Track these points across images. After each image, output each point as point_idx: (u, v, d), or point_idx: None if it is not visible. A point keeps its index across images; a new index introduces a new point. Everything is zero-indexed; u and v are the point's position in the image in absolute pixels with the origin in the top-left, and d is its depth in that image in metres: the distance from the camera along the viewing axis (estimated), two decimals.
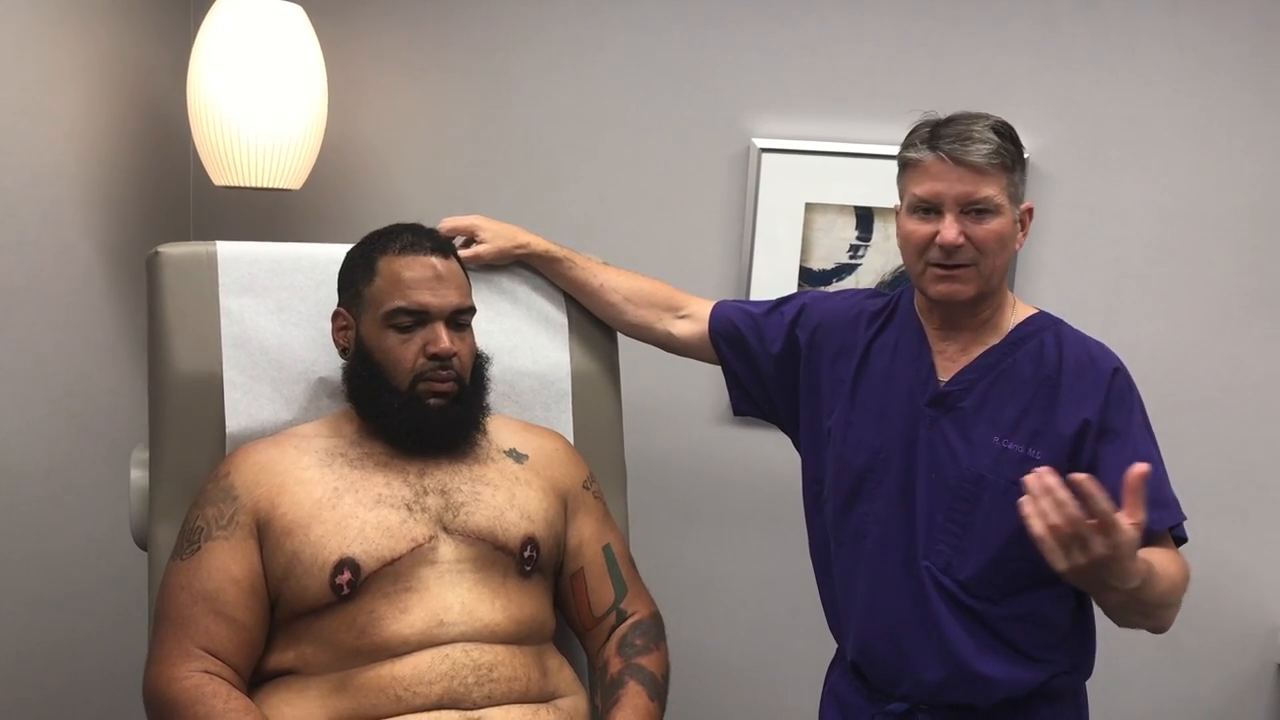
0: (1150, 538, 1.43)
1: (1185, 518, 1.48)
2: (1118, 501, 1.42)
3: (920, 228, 1.48)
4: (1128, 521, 1.20)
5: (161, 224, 2.34)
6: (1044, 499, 1.20)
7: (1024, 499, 1.22)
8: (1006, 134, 1.46)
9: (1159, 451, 1.49)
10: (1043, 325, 1.54)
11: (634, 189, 2.33)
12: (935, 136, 1.46)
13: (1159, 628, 1.43)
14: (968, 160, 1.43)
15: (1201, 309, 2.16)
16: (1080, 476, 1.19)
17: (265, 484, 1.49)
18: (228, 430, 1.62)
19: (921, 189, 1.46)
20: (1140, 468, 1.22)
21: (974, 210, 1.44)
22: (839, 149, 2.21)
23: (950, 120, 1.47)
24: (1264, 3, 2.07)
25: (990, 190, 1.44)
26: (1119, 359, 1.51)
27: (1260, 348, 2.14)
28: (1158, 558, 1.36)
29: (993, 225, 1.45)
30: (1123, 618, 1.38)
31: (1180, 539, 1.49)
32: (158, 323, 1.65)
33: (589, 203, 2.35)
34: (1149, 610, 1.36)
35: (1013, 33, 2.15)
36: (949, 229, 1.44)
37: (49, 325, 2.03)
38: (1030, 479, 1.22)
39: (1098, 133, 2.15)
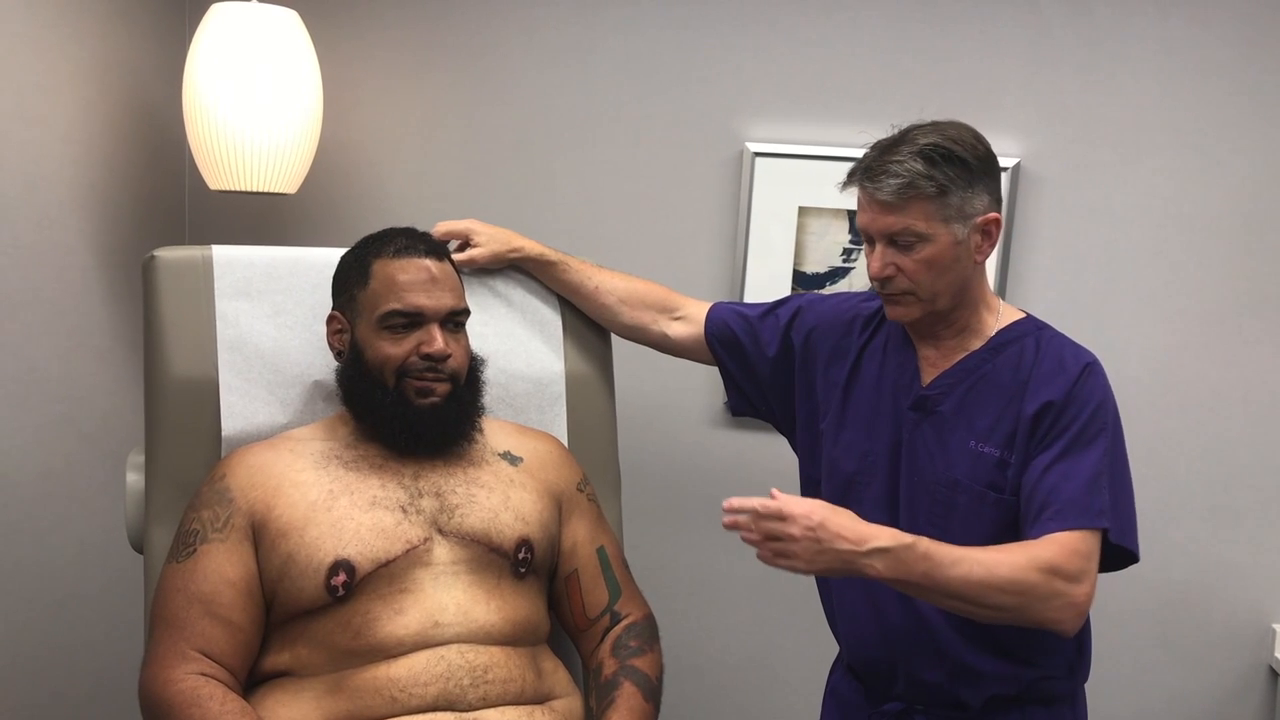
0: (1055, 528, 1.39)
1: (1102, 526, 1.40)
2: (1033, 495, 1.42)
3: (868, 257, 1.51)
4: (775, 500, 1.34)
5: (157, 228, 2.34)
6: (744, 530, 1.36)
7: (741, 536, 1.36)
8: (940, 156, 1.43)
9: (1115, 456, 1.45)
10: (1025, 331, 1.54)
11: (628, 193, 2.34)
12: (864, 169, 1.47)
13: (1038, 624, 1.38)
14: (878, 198, 1.45)
15: (1192, 312, 2.17)
16: (731, 503, 1.37)
17: (261, 486, 1.50)
18: (223, 433, 1.63)
19: (858, 219, 1.51)
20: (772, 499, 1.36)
21: (896, 244, 1.46)
22: (832, 153, 2.21)
23: (888, 147, 1.46)
24: (1253, 6, 2.08)
25: (909, 221, 1.43)
26: (1094, 358, 1.50)
27: (1251, 350, 2.15)
28: (987, 548, 1.36)
29: (921, 254, 1.45)
30: (941, 605, 1.40)
31: (1128, 554, 1.43)
32: (154, 326, 1.65)
33: (583, 206, 2.35)
34: (963, 595, 1.35)
35: (1004, 37, 2.17)
36: (874, 261, 1.48)
37: (45, 329, 2.04)
38: (727, 520, 1.38)
39: (1088, 136, 2.16)
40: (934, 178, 1.42)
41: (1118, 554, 1.44)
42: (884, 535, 1.33)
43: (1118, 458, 1.46)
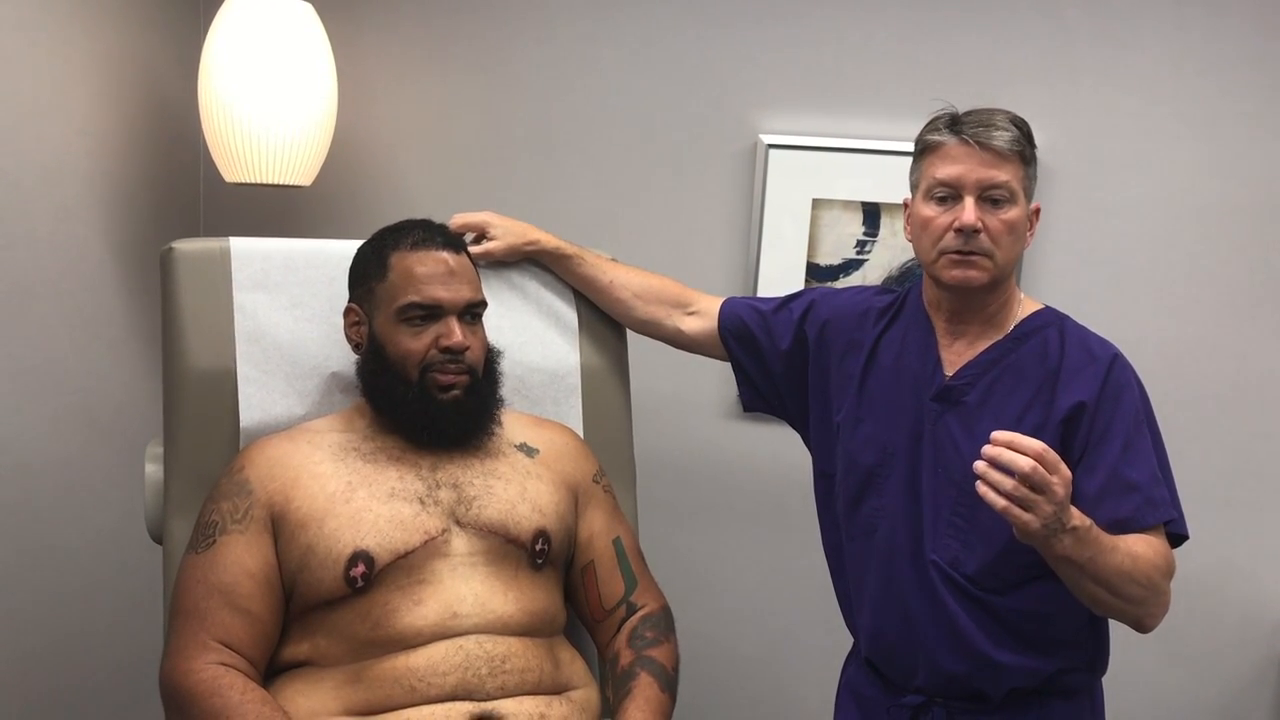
0: (1134, 530, 1.42)
1: (1174, 516, 1.45)
2: (1102, 500, 1.40)
3: (938, 215, 1.48)
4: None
5: (172, 221, 2.35)
6: (990, 473, 1.26)
7: (977, 484, 1.27)
8: (1024, 129, 1.49)
9: (1157, 445, 1.48)
10: (1047, 321, 1.55)
11: (642, 185, 2.34)
12: (957, 122, 1.48)
13: (1137, 618, 1.41)
14: (991, 145, 1.45)
15: (1206, 305, 2.17)
16: (1022, 445, 1.25)
17: (279, 478, 1.50)
18: (242, 425, 1.64)
19: (942, 172, 1.48)
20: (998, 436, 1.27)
21: (991, 198, 1.46)
22: (846, 145, 2.22)
23: (971, 111, 1.50)
24: None
25: (1008, 176, 1.46)
26: (1118, 349, 1.52)
27: (1264, 344, 2.15)
28: (1127, 539, 1.38)
29: (1008, 215, 1.47)
30: (1081, 588, 1.37)
31: (1179, 536, 1.47)
32: (172, 318, 1.66)
33: (597, 198, 2.36)
34: (1109, 583, 1.35)
35: (1018, 29, 2.16)
36: (969, 212, 1.45)
37: (62, 321, 2.05)
38: (978, 464, 1.27)
39: (1102, 129, 2.16)
40: (1026, 145, 1.48)
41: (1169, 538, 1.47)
42: (1075, 514, 1.31)
43: (1159, 443, 1.49)
